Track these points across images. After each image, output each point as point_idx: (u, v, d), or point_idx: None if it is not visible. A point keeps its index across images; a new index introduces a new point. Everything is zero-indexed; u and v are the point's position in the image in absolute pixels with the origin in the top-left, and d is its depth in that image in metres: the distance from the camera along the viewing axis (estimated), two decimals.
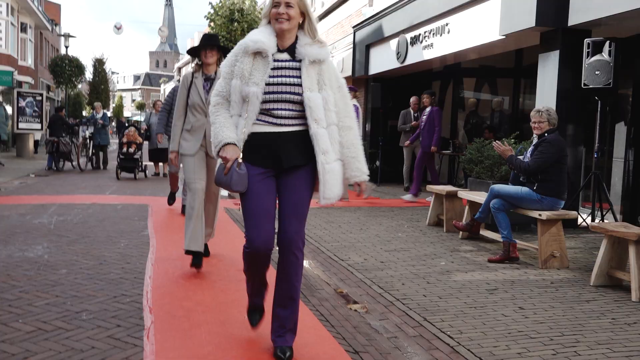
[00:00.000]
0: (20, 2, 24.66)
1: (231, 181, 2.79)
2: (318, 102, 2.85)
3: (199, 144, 4.70)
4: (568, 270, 5.11)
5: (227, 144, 2.81)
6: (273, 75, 2.85)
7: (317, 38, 2.94)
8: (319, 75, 2.89)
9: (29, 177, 12.54)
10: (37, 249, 5.33)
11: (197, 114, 4.74)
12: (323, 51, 2.92)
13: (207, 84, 4.76)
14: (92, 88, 37.65)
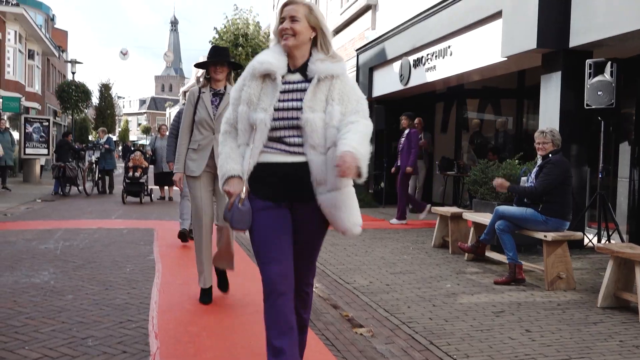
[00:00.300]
0: (28, 30, 25.05)
1: (232, 218, 2.56)
2: (316, 125, 2.50)
3: (204, 164, 4.43)
4: (575, 292, 5.08)
5: (230, 177, 2.59)
6: (283, 100, 2.55)
7: (331, 53, 2.64)
8: (328, 92, 2.56)
9: (35, 202, 12.61)
10: (44, 275, 5.35)
11: (204, 131, 4.47)
12: (336, 66, 2.61)
13: (216, 99, 4.50)
14: (98, 113, 38.01)
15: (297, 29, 2.55)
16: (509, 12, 7.55)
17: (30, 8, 28.41)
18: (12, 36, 23.57)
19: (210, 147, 4.43)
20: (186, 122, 4.55)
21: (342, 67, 2.65)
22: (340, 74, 2.61)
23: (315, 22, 2.60)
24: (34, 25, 24.94)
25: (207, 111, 4.45)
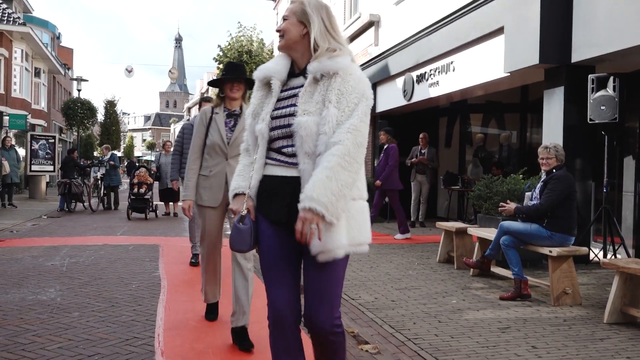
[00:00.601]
0: (34, 48, 25.31)
1: (230, 238, 2.39)
2: (310, 130, 2.20)
3: (221, 194, 4.04)
4: (581, 307, 5.07)
5: (236, 195, 2.42)
6: (280, 107, 2.35)
7: (331, 46, 2.31)
8: (326, 93, 2.24)
9: (41, 219, 12.66)
10: (50, 292, 5.37)
11: (215, 157, 4.09)
12: (332, 62, 2.25)
13: (230, 121, 4.11)
14: (103, 129, 38.23)
15: (283, 28, 2.36)
16: (511, 28, 7.61)
17: (37, 27, 28.72)
18: (19, 55, 23.82)
19: (224, 175, 4.04)
20: (196, 144, 4.16)
21: (341, 62, 2.27)
22: (340, 70, 2.25)
23: (303, 17, 2.34)
24: (40, 43, 25.20)
25: (220, 134, 4.05)
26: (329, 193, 2.06)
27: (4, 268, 6.55)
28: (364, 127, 2.20)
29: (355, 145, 2.14)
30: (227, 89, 4.11)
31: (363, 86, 2.26)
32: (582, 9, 6.74)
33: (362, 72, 2.33)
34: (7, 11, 22.73)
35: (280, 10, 27.91)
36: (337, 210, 2.09)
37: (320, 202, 2.05)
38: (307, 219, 2.06)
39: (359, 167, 2.19)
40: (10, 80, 23.07)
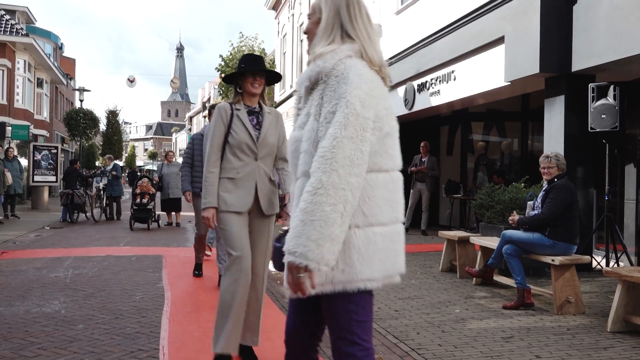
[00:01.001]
0: (37, 59, 25.45)
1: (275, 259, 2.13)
2: (292, 147, 2.07)
3: (251, 199, 3.64)
4: (584, 316, 5.07)
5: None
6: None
7: (319, 50, 2.00)
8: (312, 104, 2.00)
9: (44, 230, 12.69)
10: (54, 304, 5.39)
11: (243, 157, 3.65)
12: (313, 66, 2.00)
13: (253, 119, 3.74)
14: (105, 139, 38.33)
15: (306, 28, 2.12)
16: (511, 37, 7.66)
17: (39, 37, 28.88)
18: (22, 65, 23.95)
19: (254, 177, 3.66)
20: (216, 144, 3.66)
21: (321, 64, 1.96)
22: (322, 74, 1.96)
23: (320, 12, 2.06)
24: (43, 54, 25.35)
25: (248, 132, 3.66)
26: (306, 240, 1.76)
27: (8, 280, 6.57)
28: (348, 141, 1.80)
29: (327, 173, 1.77)
30: (247, 84, 3.71)
31: (343, 88, 1.87)
32: (582, 19, 6.79)
33: (358, 70, 1.91)
34: (10, 22, 22.89)
35: (282, 19, 28.06)
36: (323, 256, 1.76)
37: (298, 254, 1.77)
38: (292, 271, 1.80)
39: (351, 191, 1.80)
40: (13, 91, 23.19)
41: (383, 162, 1.96)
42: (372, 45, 2.04)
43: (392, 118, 2.00)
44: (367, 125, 1.86)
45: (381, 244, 1.93)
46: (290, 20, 25.57)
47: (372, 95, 1.90)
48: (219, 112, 3.68)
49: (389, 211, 1.97)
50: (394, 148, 2.00)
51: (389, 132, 1.97)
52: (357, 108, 1.84)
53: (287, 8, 26.42)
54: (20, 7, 27.26)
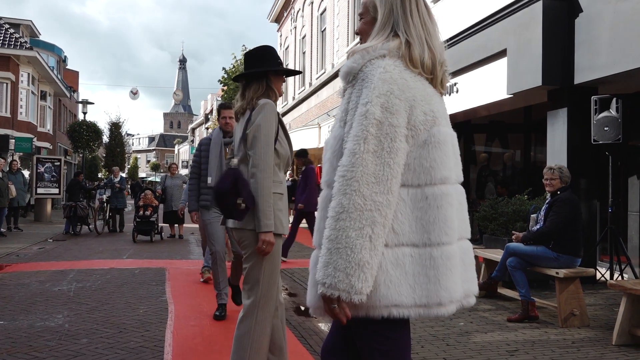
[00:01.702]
0: (40, 72, 25.60)
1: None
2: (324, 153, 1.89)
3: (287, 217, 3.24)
4: (589, 329, 5.06)
5: None
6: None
7: (354, 48, 1.85)
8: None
9: (47, 242, 12.69)
10: (58, 318, 5.38)
11: (280, 172, 3.22)
12: (345, 65, 1.84)
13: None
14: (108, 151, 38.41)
15: (359, 29, 1.95)
16: (514, 50, 7.69)
17: (43, 50, 29.09)
18: (25, 78, 24.09)
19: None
20: (272, 153, 3.06)
21: (350, 63, 1.80)
22: (351, 75, 1.80)
23: (375, 11, 1.88)
24: (47, 67, 25.51)
25: (290, 144, 3.28)
26: (334, 270, 1.61)
27: (11, 294, 6.57)
28: (371, 155, 1.62)
29: (348, 195, 1.62)
30: (279, 84, 3.31)
31: (365, 94, 1.69)
32: (584, 32, 6.83)
33: (385, 72, 1.70)
34: (15, 36, 23.05)
35: (284, 32, 28.21)
36: (353, 285, 1.60)
37: (327, 285, 1.62)
38: (326, 302, 1.66)
39: (379, 210, 1.63)
40: (16, 104, 23.32)
41: (414, 177, 1.72)
42: (425, 42, 1.82)
43: (433, 124, 1.74)
44: (397, 134, 1.65)
45: (410, 267, 1.71)
46: (293, 32, 25.72)
47: (403, 97, 1.68)
48: (271, 110, 3.11)
49: (421, 231, 1.72)
50: (431, 160, 1.73)
51: (427, 140, 1.72)
52: (380, 116, 1.64)
53: (289, 21, 26.58)
54: (24, 21, 27.45)
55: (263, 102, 3.11)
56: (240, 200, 2.91)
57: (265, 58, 3.25)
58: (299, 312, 5.74)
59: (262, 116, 3.05)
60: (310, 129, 19.03)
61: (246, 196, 2.93)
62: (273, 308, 3.09)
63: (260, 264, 3.03)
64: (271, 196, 2.99)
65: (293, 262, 9.02)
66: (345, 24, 17.28)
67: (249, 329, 2.99)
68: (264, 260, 3.03)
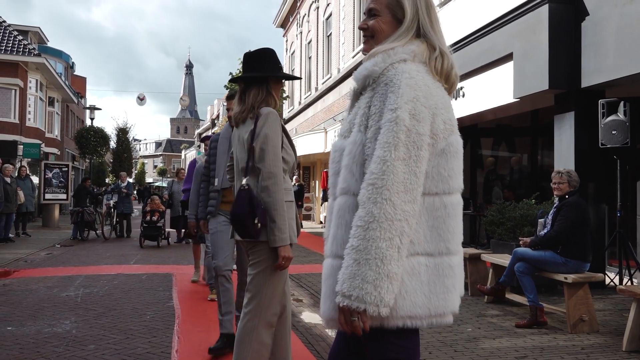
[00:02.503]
0: (48, 78, 25.75)
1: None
2: (333, 156, 1.84)
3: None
4: (598, 335, 5.01)
5: None
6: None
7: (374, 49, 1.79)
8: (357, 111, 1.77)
9: (54, 248, 12.74)
10: (65, 324, 5.39)
11: (287, 179, 3.21)
12: (361, 67, 1.79)
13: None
14: (115, 156, 38.59)
15: (371, 26, 1.84)
16: (520, 54, 7.67)
17: (51, 57, 29.25)
18: (34, 84, 24.23)
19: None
20: (281, 159, 3.05)
21: (369, 66, 1.75)
22: (370, 78, 1.74)
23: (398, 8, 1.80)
24: (55, 73, 25.65)
25: (294, 150, 3.26)
26: (362, 282, 1.55)
27: (19, 299, 6.59)
28: (401, 163, 1.58)
29: (379, 204, 1.56)
30: (278, 90, 3.28)
31: (392, 99, 1.63)
32: (591, 35, 6.80)
33: (411, 77, 1.66)
34: (23, 42, 23.20)
35: (290, 37, 28.26)
36: (382, 298, 1.55)
37: (354, 297, 1.56)
38: (346, 314, 1.59)
39: (407, 220, 1.59)
40: (24, 110, 23.45)
41: (432, 185, 1.69)
42: (448, 51, 1.81)
43: (450, 132, 1.72)
44: (422, 142, 1.62)
45: (425, 277, 1.67)
46: (299, 37, 25.76)
47: (428, 105, 1.65)
48: (278, 119, 3.08)
49: (437, 240, 1.70)
50: (449, 169, 1.71)
51: (445, 149, 1.70)
52: (408, 123, 1.60)
53: (295, 26, 26.64)
54: (32, 28, 27.63)
55: (266, 112, 3.07)
56: (256, 221, 2.90)
57: (265, 61, 3.19)
58: (306, 317, 5.73)
59: (267, 127, 3.00)
60: (317, 133, 19.04)
61: (261, 215, 2.91)
62: (274, 318, 3.03)
63: (265, 273, 2.99)
64: (285, 209, 2.96)
65: (299, 267, 9.01)
66: (351, 29, 17.29)
67: (249, 338, 2.95)
68: (270, 270, 2.99)
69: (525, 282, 5.35)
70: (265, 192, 2.95)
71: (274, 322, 3.04)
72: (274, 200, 2.93)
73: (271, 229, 2.93)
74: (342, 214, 1.71)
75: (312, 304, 6.34)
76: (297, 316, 5.69)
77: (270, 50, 3.31)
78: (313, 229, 17.84)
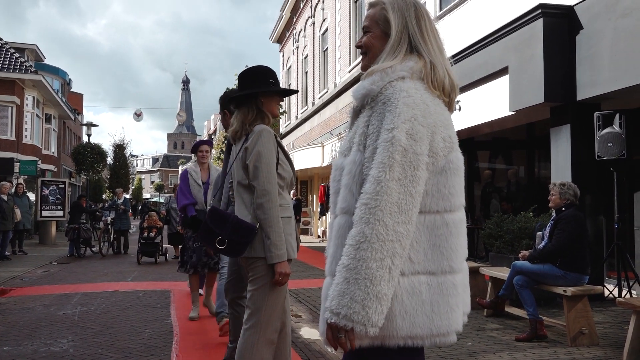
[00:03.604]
0: (45, 95, 25.81)
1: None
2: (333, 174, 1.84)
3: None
4: (599, 348, 5.00)
5: None
6: None
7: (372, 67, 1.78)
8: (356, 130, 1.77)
9: (51, 265, 12.67)
10: (63, 343, 5.35)
11: (286, 195, 3.20)
12: (358, 86, 1.79)
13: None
14: (112, 173, 38.58)
15: (364, 42, 1.86)
16: (515, 68, 7.72)
17: (48, 74, 29.34)
18: (30, 102, 24.28)
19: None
20: (274, 177, 3.04)
21: (366, 84, 1.74)
22: (368, 96, 1.74)
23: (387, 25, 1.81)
24: (51, 90, 25.72)
25: (292, 166, 3.27)
26: (350, 301, 1.54)
27: (15, 319, 6.54)
28: (395, 184, 1.57)
29: (371, 224, 1.55)
30: (274, 105, 3.25)
31: (389, 119, 1.62)
32: (585, 48, 6.86)
33: (408, 96, 1.64)
34: (20, 60, 23.28)
35: (286, 52, 28.42)
36: (370, 318, 1.54)
37: (342, 315, 1.55)
38: (334, 331, 1.59)
39: (399, 241, 1.57)
40: (21, 127, 23.48)
41: (432, 203, 1.67)
42: (445, 63, 1.79)
43: (450, 150, 1.70)
44: (420, 162, 1.60)
45: (427, 296, 1.65)
46: (295, 52, 25.91)
47: (426, 124, 1.63)
48: (271, 136, 3.09)
49: (439, 258, 1.68)
50: (450, 186, 1.70)
51: (445, 167, 1.68)
52: (405, 143, 1.58)
53: (291, 41, 26.79)
54: (29, 45, 27.76)
55: (259, 129, 3.07)
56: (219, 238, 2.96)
57: (257, 79, 3.18)
58: (305, 333, 5.70)
59: (260, 144, 3.01)
60: (314, 148, 19.07)
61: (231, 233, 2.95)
62: (274, 335, 3.02)
63: (265, 289, 2.98)
64: (281, 225, 2.95)
65: (298, 282, 8.98)
66: (347, 44, 17.40)
67: (249, 355, 2.93)
68: (269, 286, 2.98)
69: (524, 295, 5.34)
70: (260, 210, 2.95)
71: (275, 338, 3.02)
72: (269, 217, 2.93)
73: (267, 246, 2.93)
74: (341, 233, 1.70)
75: (311, 319, 6.31)
76: (296, 332, 5.65)
77: (262, 67, 3.30)
78: (311, 243, 17.80)
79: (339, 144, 16.11)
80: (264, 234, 2.94)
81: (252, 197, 3.02)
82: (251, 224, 2.97)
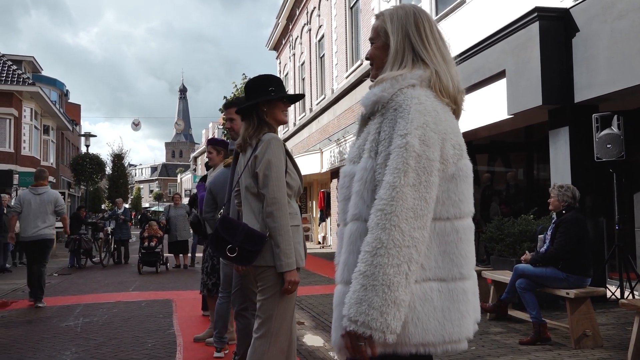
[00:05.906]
0: (43, 107, 25.84)
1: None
2: (342, 182, 1.85)
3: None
4: (603, 350, 4.99)
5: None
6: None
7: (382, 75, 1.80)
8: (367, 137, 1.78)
9: (52, 277, 12.63)
10: (66, 355, 5.34)
11: (294, 204, 3.22)
12: (368, 93, 1.80)
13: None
14: (111, 183, 38.54)
15: (370, 54, 1.91)
16: (512, 71, 7.75)
17: (45, 85, 29.37)
18: (28, 113, 24.32)
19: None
20: (283, 185, 3.04)
21: (377, 92, 1.75)
22: (378, 104, 1.75)
23: (387, 37, 1.85)
24: (49, 102, 25.76)
25: (300, 175, 3.25)
26: (368, 308, 1.52)
27: (18, 332, 6.53)
28: (410, 189, 1.57)
29: (387, 230, 1.54)
30: (279, 112, 3.22)
31: (402, 125, 1.63)
32: (582, 50, 6.88)
33: (420, 103, 1.66)
34: (17, 72, 23.31)
35: (283, 59, 28.49)
36: (389, 324, 1.52)
37: (360, 322, 1.52)
38: (352, 339, 1.56)
39: (415, 247, 1.57)
40: (19, 139, 23.49)
41: (443, 210, 1.68)
42: (448, 69, 1.79)
43: (460, 157, 1.72)
44: (433, 168, 1.61)
45: (439, 303, 1.65)
46: (292, 60, 25.97)
47: (437, 130, 1.64)
48: (280, 145, 3.09)
49: (449, 265, 1.68)
50: (460, 193, 1.71)
51: (455, 174, 1.70)
52: (418, 149, 1.59)
53: (288, 48, 26.87)
54: (26, 57, 27.80)
55: (268, 137, 3.08)
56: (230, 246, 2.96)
57: (257, 88, 3.19)
58: (308, 340, 5.69)
59: (269, 153, 3.01)
60: (312, 154, 19.09)
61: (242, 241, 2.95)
62: (285, 343, 3.01)
63: (275, 298, 2.98)
64: (290, 234, 2.96)
65: (300, 288, 8.94)
66: (344, 50, 17.44)
67: None
68: (279, 295, 2.99)
69: (527, 298, 5.34)
70: (269, 218, 2.95)
71: (285, 347, 3.01)
72: (279, 225, 2.93)
73: (277, 255, 2.93)
74: (353, 240, 1.69)
75: (314, 326, 6.31)
76: (299, 339, 5.64)
77: (262, 76, 3.29)
78: (311, 250, 17.78)
79: (337, 150, 16.14)
80: (273, 243, 2.95)
81: (261, 206, 3.02)
82: (262, 232, 2.97)
